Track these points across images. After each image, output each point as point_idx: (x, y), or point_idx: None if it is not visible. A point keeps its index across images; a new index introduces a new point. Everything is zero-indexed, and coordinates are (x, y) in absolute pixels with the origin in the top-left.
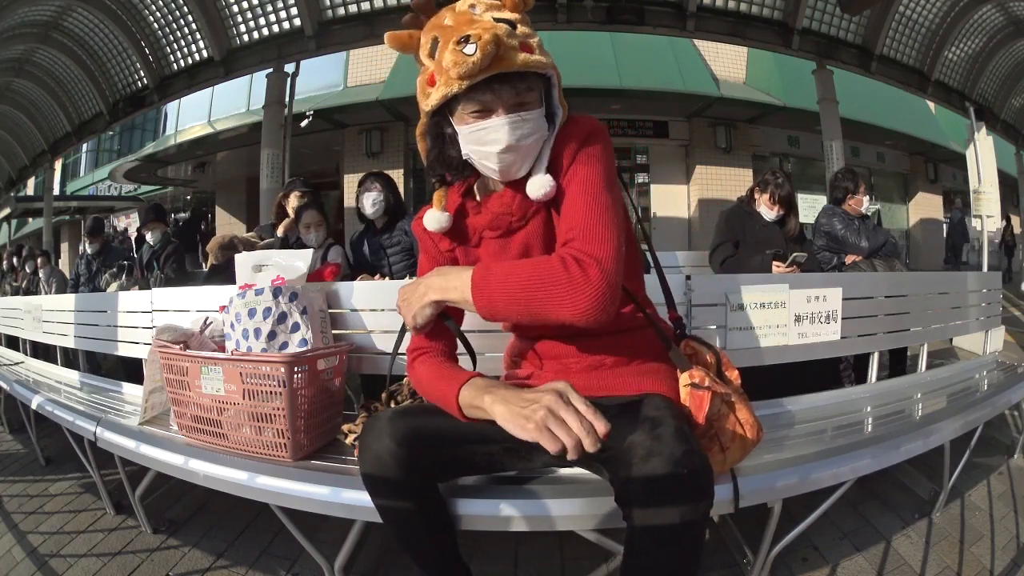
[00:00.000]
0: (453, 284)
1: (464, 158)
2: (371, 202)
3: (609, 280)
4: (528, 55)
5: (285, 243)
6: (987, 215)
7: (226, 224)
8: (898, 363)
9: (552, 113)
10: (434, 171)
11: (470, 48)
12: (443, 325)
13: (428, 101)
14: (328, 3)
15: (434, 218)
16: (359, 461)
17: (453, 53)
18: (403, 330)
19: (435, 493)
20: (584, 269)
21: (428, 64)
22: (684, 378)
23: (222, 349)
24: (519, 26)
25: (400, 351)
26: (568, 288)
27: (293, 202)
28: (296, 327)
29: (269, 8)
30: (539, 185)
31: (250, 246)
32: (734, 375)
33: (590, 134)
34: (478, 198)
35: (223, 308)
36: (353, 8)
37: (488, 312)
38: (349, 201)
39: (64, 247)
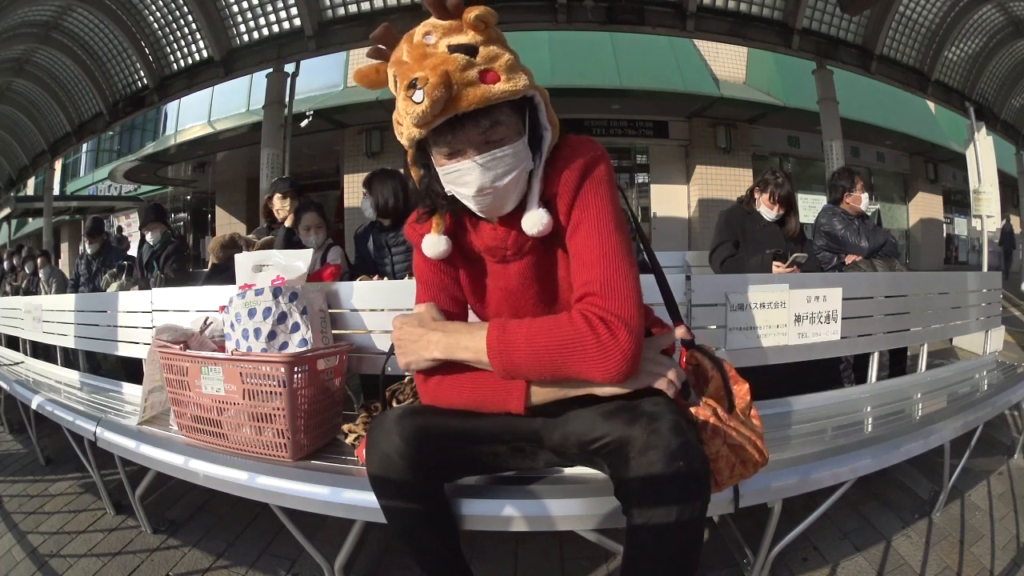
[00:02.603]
0: (464, 344)
1: (449, 193)
2: (364, 207)
3: (637, 339)
4: (490, 87)
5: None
6: (987, 215)
7: (226, 224)
8: (898, 363)
9: (540, 136)
10: (425, 201)
11: (418, 95)
12: None
13: (401, 140)
14: (328, 3)
15: (432, 243)
16: (366, 460)
17: (404, 101)
18: None
19: (441, 493)
20: (613, 331)
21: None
22: (690, 414)
23: (222, 349)
24: (481, 49)
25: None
26: (598, 352)
27: (277, 203)
28: (296, 327)
29: (269, 8)
30: (534, 222)
31: (251, 246)
32: (742, 390)
33: (590, 162)
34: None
35: (223, 308)
36: (353, 8)
37: (506, 373)
38: (349, 201)
39: (64, 247)
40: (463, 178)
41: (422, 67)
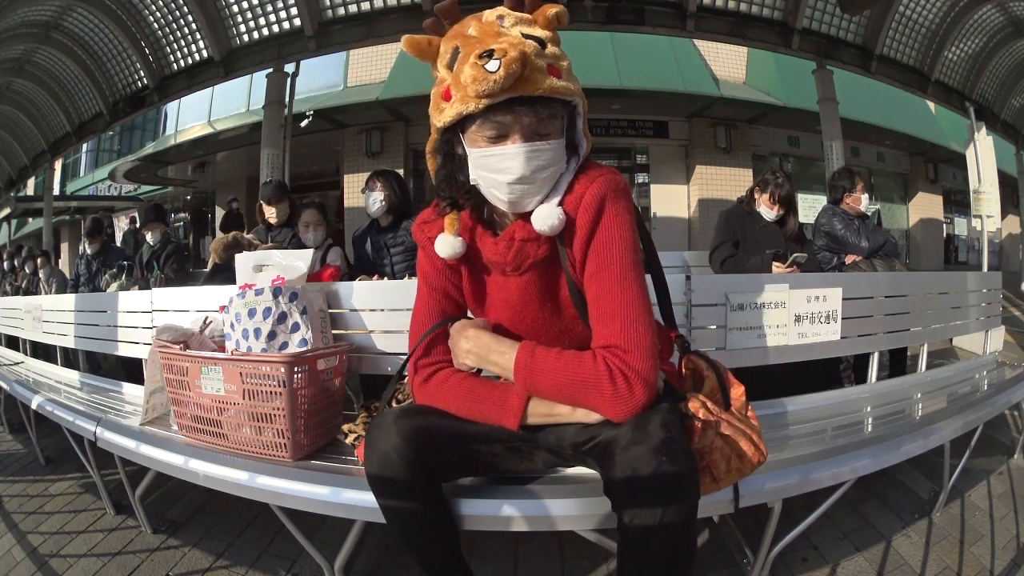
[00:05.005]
0: (494, 360)
1: (472, 183)
2: (371, 201)
3: (651, 391)
4: (555, 80)
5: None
6: (987, 215)
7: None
8: (898, 363)
9: (575, 144)
10: (443, 193)
11: (493, 64)
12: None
13: (441, 117)
14: (328, 3)
15: (447, 244)
16: (365, 460)
17: (474, 68)
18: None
19: (439, 493)
20: (631, 385)
21: (445, 76)
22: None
23: (222, 349)
24: (549, 46)
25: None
26: (613, 398)
27: (267, 211)
28: (296, 327)
29: (269, 8)
30: (546, 216)
31: (253, 247)
32: (738, 392)
33: (612, 194)
34: (484, 223)
35: (223, 308)
36: (353, 8)
37: (527, 392)
38: (349, 201)
39: (64, 247)
40: (503, 163)
41: (497, 42)
